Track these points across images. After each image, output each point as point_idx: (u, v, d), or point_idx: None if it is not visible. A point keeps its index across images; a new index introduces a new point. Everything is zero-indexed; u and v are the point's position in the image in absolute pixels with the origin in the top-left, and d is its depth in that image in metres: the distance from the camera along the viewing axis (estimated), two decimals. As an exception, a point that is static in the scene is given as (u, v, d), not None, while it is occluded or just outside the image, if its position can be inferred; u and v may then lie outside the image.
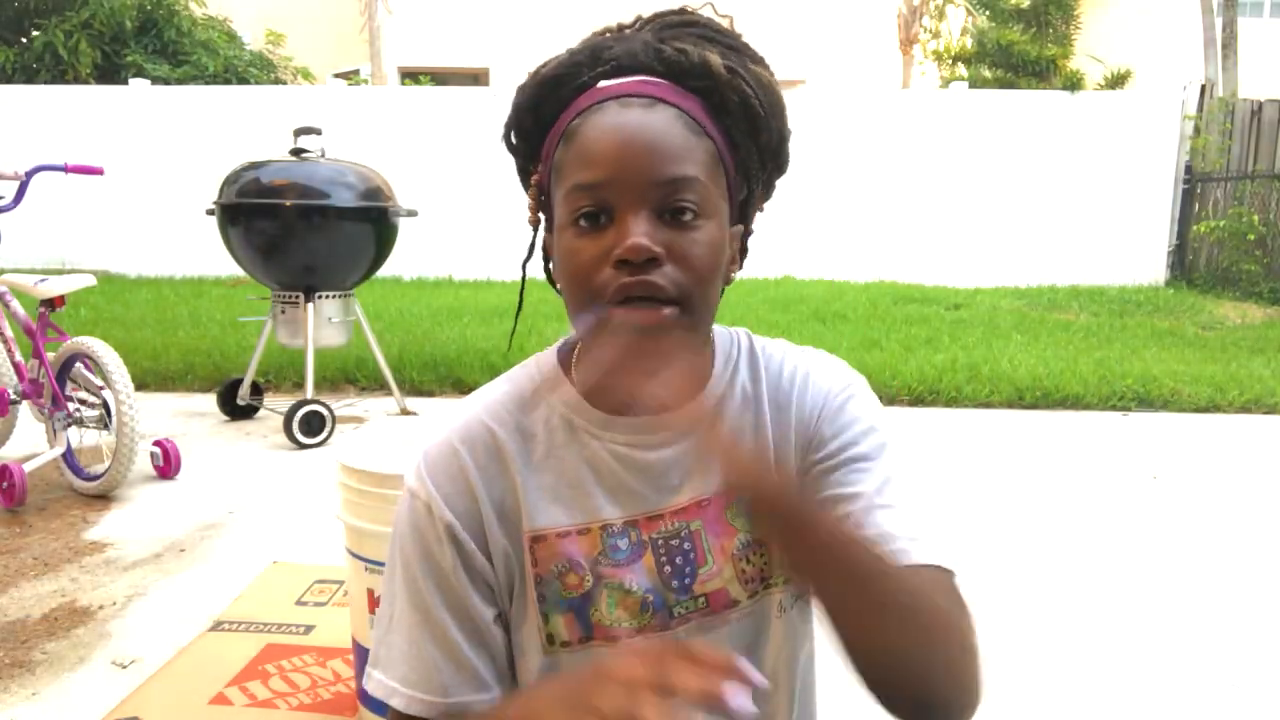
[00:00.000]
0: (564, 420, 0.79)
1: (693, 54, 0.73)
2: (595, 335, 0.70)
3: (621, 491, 0.78)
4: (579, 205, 0.71)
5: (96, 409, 3.08)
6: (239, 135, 9.05)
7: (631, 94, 0.72)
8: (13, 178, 3.19)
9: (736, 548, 0.78)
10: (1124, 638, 2.17)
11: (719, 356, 0.82)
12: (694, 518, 0.79)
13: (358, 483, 1.50)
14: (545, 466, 0.79)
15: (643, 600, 0.77)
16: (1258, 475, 3.60)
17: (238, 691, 1.78)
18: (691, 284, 0.70)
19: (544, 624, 0.78)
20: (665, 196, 0.69)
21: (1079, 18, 11.96)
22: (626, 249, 0.67)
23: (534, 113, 0.78)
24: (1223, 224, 8.62)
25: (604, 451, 0.78)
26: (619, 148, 0.69)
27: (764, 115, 0.75)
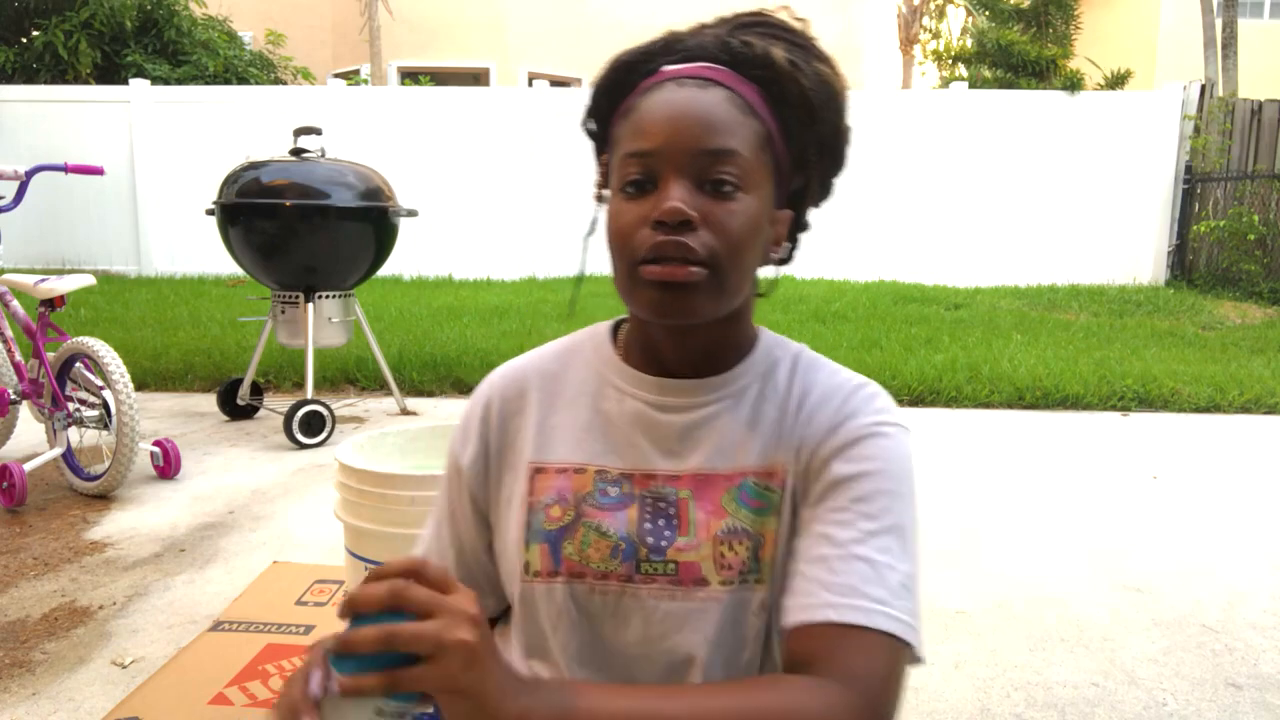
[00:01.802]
0: (596, 373, 0.86)
1: (757, 46, 0.78)
2: (630, 292, 0.76)
3: (628, 446, 0.83)
4: (628, 172, 0.76)
5: (96, 409, 3.08)
6: (239, 135, 9.07)
7: (690, 75, 0.77)
8: (13, 178, 3.19)
9: (721, 530, 0.79)
10: (1124, 638, 2.17)
11: (761, 348, 0.86)
12: (686, 487, 0.81)
13: (357, 483, 1.50)
14: (564, 408, 0.86)
15: (615, 545, 0.80)
16: (1258, 475, 3.60)
17: (238, 691, 1.78)
18: (722, 250, 0.74)
19: (524, 551, 0.82)
20: (706, 167, 0.74)
21: (1079, 18, 11.95)
22: (663, 211, 0.72)
23: (607, 96, 0.83)
24: (1223, 224, 8.63)
25: (623, 406, 0.84)
26: (668, 120, 0.74)
27: (819, 107, 0.79)
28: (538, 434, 0.85)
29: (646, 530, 0.80)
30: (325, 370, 4.81)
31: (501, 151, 9.27)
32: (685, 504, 0.80)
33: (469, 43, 15.29)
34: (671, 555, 0.79)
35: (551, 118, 9.32)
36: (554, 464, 0.84)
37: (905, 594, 0.72)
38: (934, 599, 2.35)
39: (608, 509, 0.81)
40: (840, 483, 0.77)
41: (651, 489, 0.81)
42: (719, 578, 0.79)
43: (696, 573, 0.79)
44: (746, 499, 0.80)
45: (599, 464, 0.83)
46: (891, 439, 0.79)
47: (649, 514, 0.81)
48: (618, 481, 0.82)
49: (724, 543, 0.79)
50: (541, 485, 0.83)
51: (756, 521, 0.79)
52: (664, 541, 0.80)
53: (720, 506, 0.80)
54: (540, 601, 0.82)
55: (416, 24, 15.04)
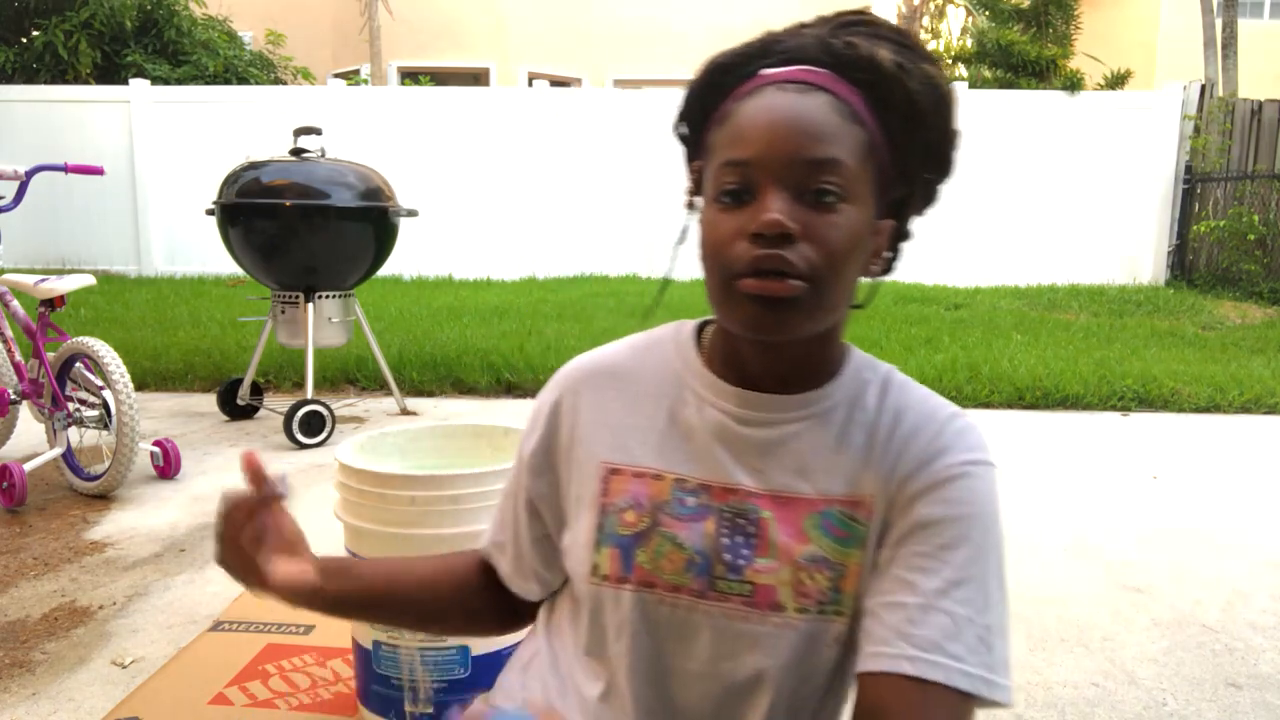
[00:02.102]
0: (676, 375, 0.83)
1: (861, 48, 0.74)
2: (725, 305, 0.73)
3: (707, 456, 0.80)
4: (724, 181, 0.73)
5: (96, 409, 3.08)
6: (239, 135, 9.07)
7: (790, 80, 0.73)
8: (13, 177, 3.19)
9: (803, 556, 0.76)
10: (1124, 638, 2.17)
11: (850, 368, 0.83)
12: (767, 507, 0.78)
13: (357, 483, 1.50)
14: (641, 409, 0.83)
15: (690, 559, 0.78)
16: (1258, 475, 3.60)
17: (238, 691, 1.78)
18: (823, 264, 0.71)
19: (594, 552, 0.81)
20: (807, 176, 0.71)
21: (1079, 18, 11.94)
22: (761, 223, 0.69)
23: (700, 100, 0.80)
24: (1223, 224, 8.63)
25: (703, 415, 0.81)
26: (767, 128, 0.71)
27: (926, 112, 0.75)
28: (613, 434, 0.83)
29: (724, 546, 0.77)
30: (325, 370, 4.81)
31: (501, 151, 9.27)
32: (766, 524, 0.77)
33: (469, 43, 15.28)
34: (749, 576, 0.76)
35: (551, 118, 9.32)
36: (630, 467, 0.81)
37: (983, 648, 0.71)
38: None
39: (685, 520, 0.78)
40: (927, 526, 0.74)
41: (731, 503, 0.78)
42: (795, 605, 0.76)
43: (773, 597, 0.76)
44: (831, 527, 0.77)
45: (677, 472, 0.80)
46: (982, 480, 0.77)
47: (727, 529, 0.78)
48: (696, 492, 0.79)
49: (804, 570, 0.76)
50: (616, 487, 0.81)
51: (840, 552, 0.76)
52: (741, 560, 0.77)
53: (802, 531, 0.77)
54: (606, 605, 0.80)
55: (416, 24, 15.04)
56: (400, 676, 1.53)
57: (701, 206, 0.78)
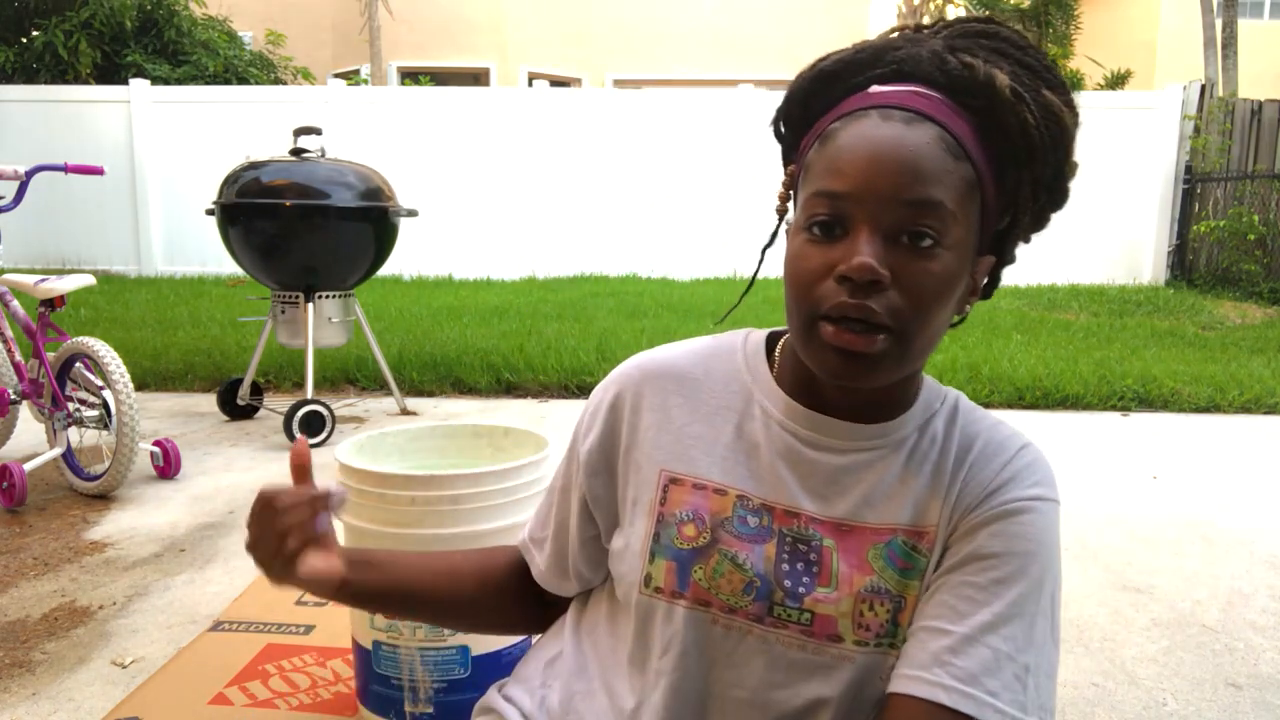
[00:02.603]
0: (744, 388, 0.81)
1: (979, 70, 0.70)
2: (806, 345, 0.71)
3: (770, 476, 0.77)
4: (816, 212, 0.69)
5: (96, 409, 3.08)
6: (239, 135, 9.07)
7: (896, 105, 0.69)
8: (13, 177, 3.19)
9: (865, 588, 0.75)
10: (1124, 638, 2.17)
11: (921, 400, 0.80)
12: (830, 535, 0.76)
13: (357, 483, 1.50)
14: (709, 420, 0.80)
15: (749, 581, 0.75)
16: (1258, 475, 3.60)
17: (238, 691, 1.78)
18: (911, 314, 0.67)
19: (649, 563, 0.78)
20: (905, 219, 0.67)
21: (1079, 18, 11.95)
22: (851, 267, 0.66)
23: (803, 105, 0.76)
24: (1223, 224, 8.63)
25: (770, 433, 0.78)
26: (868, 161, 0.67)
27: (1041, 146, 0.71)
28: (675, 441, 0.79)
29: (784, 572, 0.75)
30: (325, 370, 4.81)
31: (501, 151, 9.27)
32: (829, 553, 0.75)
33: (469, 43, 15.29)
34: (809, 604, 0.75)
35: (551, 118, 9.32)
36: (691, 478, 0.78)
37: (1019, 686, 0.70)
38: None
39: (746, 540, 0.76)
40: (983, 558, 0.72)
41: (793, 528, 0.76)
42: (854, 637, 0.74)
43: (832, 628, 0.74)
44: (894, 558, 0.75)
45: (741, 489, 0.77)
46: (1045, 516, 0.75)
47: (788, 555, 0.76)
48: (759, 512, 0.77)
49: (866, 601, 0.74)
50: (676, 498, 0.78)
51: (901, 584, 0.75)
52: (802, 588, 0.75)
53: (866, 562, 0.75)
54: (656, 618, 0.78)
55: (416, 24, 15.04)
56: (400, 676, 1.53)
57: (790, 222, 0.75)
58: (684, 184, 9.32)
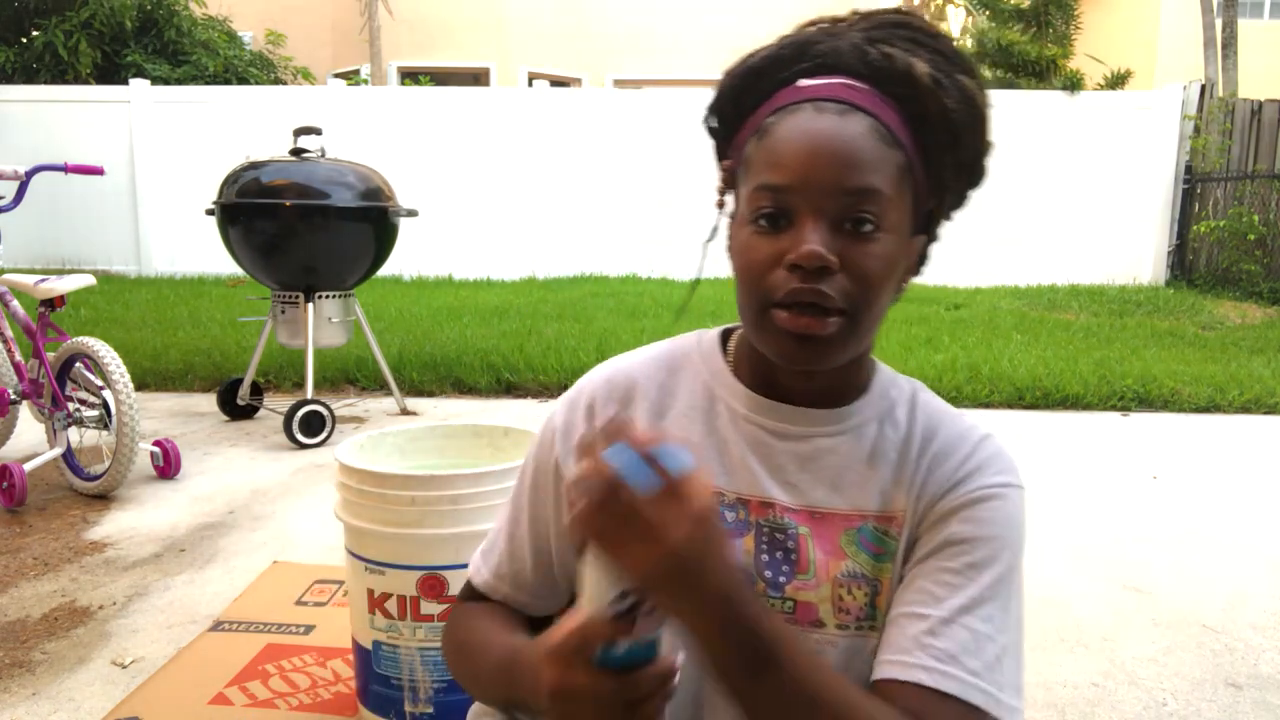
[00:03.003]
0: (706, 388, 0.82)
1: (898, 60, 0.73)
2: (760, 332, 0.73)
3: (742, 469, 0.79)
4: (761, 205, 0.72)
5: (96, 409, 3.08)
6: (239, 135, 9.07)
7: (828, 98, 0.72)
8: (13, 178, 3.19)
9: (841, 574, 0.77)
10: (1124, 638, 2.17)
11: (878, 383, 0.84)
12: (804, 523, 0.78)
13: (357, 483, 1.50)
14: (676, 424, 0.81)
15: None
16: (1258, 475, 3.60)
17: (238, 691, 1.78)
18: (859, 296, 0.71)
19: None
20: (846, 207, 0.70)
21: (1079, 18, 11.94)
22: (800, 255, 0.69)
23: (735, 101, 0.78)
24: (1223, 224, 8.62)
25: (737, 428, 0.80)
26: (807, 153, 0.70)
27: (962, 128, 0.75)
28: None
29: (764, 563, 0.77)
30: (325, 370, 4.81)
31: (501, 151, 9.27)
32: (804, 540, 0.78)
33: (469, 43, 15.29)
34: (790, 593, 0.77)
35: (551, 118, 9.32)
36: None
37: (999, 666, 0.72)
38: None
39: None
40: (956, 543, 0.75)
41: (769, 519, 0.78)
42: (836, 621, 0.77)
43: (814, 614, 0.77)
44: (866, 543, 0.78)
45: (716, 486, 0.79)
46: (1012, 502, 0.77)
47: (766, 545, 0.78)
48: (734, 507, 0.79)
49: (843, 586, 0.77)
50: None
51: (875, 568, 0.78)
52: (782, 577, 0.77)
53: (839, 548, 0.78)
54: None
55: (416, 24, 15.04)
56: (400, 676, 1.53)
57: (733, 214, 0.77)
58: (684, 184, 9.32)
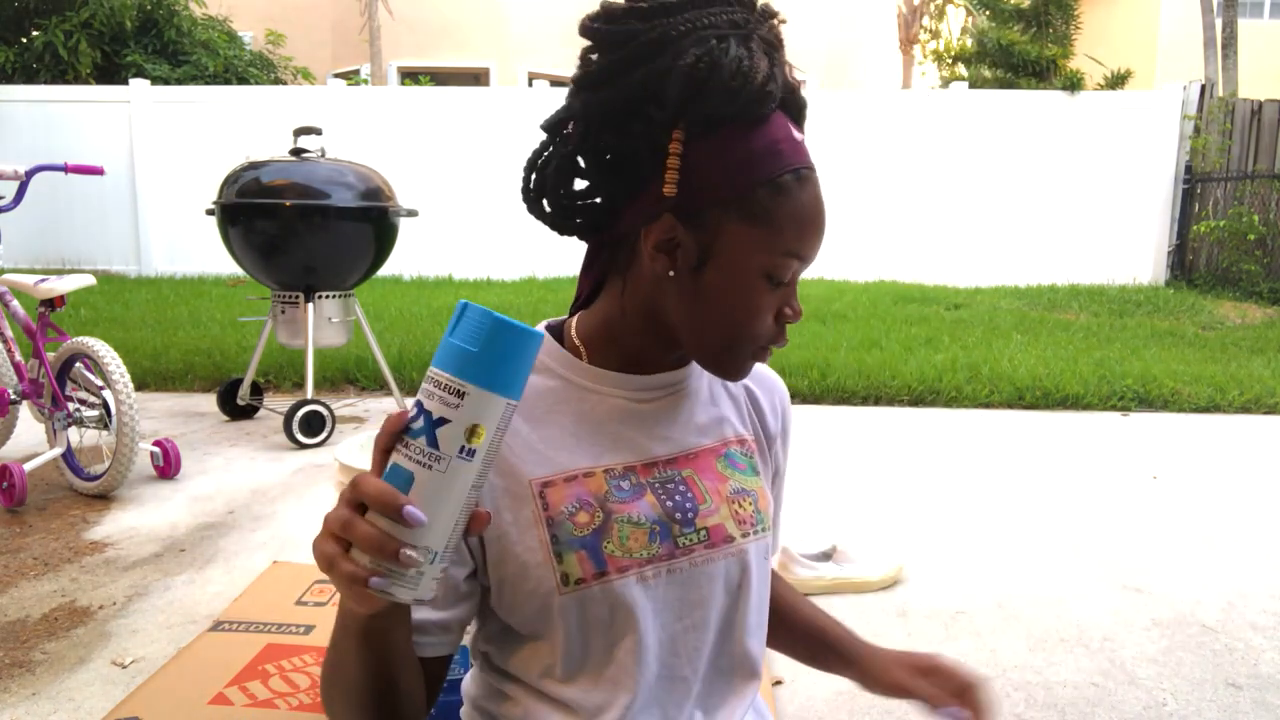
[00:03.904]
0: (563, 381, 0.87)
1: (804, 103, 0.82)
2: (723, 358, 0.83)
3: (620, 440, 0.86)
4: (781, 266, 0.79)
5: (96, 409, 3.08)
6: (239, 135, 9.07)
7: (810, 165, 0.80)
8: (13, 178, 3.19)
9: (729, 491, 0.89)
10: (1124, 638, 2.17)
11: None
12: (685, 466, 0.88)
13: (358, 483, 1.50)
14: (548, 420, 0.85)
15: (650, 530, 0.83)
16: (1258, 475, 3.60)
17: (238, 691, 1.78)
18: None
19: (558, 564, 0.80)
20: None
21: (1079, 18, 11.95)
22: (796, 313, 0.82)
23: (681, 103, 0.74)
24: (1223, 224, 8.63)
25: (604, 406, 0.87)
26: (819, 232, 0.80)
27: None
28: (529, 452, 0.82)
29: (671, 508, 0.85)
30: (325, 370, 4.81)
31: (501, 151, 9.27)
32: (692, 480, 0.87)
33: (469, 43, 15.29)
34: (700, 523, 0.86)
35: (551, 118, 9.31)
36: (560, 475, 0.82)
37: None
38: (934, 599, 2.35)
39: (629, 501, 0.84)
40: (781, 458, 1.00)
41: (656, 475, 0.86)
42: (739, 531, 0.88)
43: (724, 532, 0.87)
44: (735, 463, 0.91)
45: (603, 464, 0.84)
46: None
47: (664, 495, 0.86)
48: (624, 475, 0.85)
49: (734, 501, 0.89)
50: (556, 497, 0.81)
51: (748, 480, 0.91)
52: (690, 514, 0.86)
53: (718, 472, 0.89)
54: (589, 607, 0.80)
55: (416, 24, 15.05)
56: (400, 676, 1.52)
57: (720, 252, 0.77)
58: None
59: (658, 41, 0.74)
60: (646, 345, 0.86)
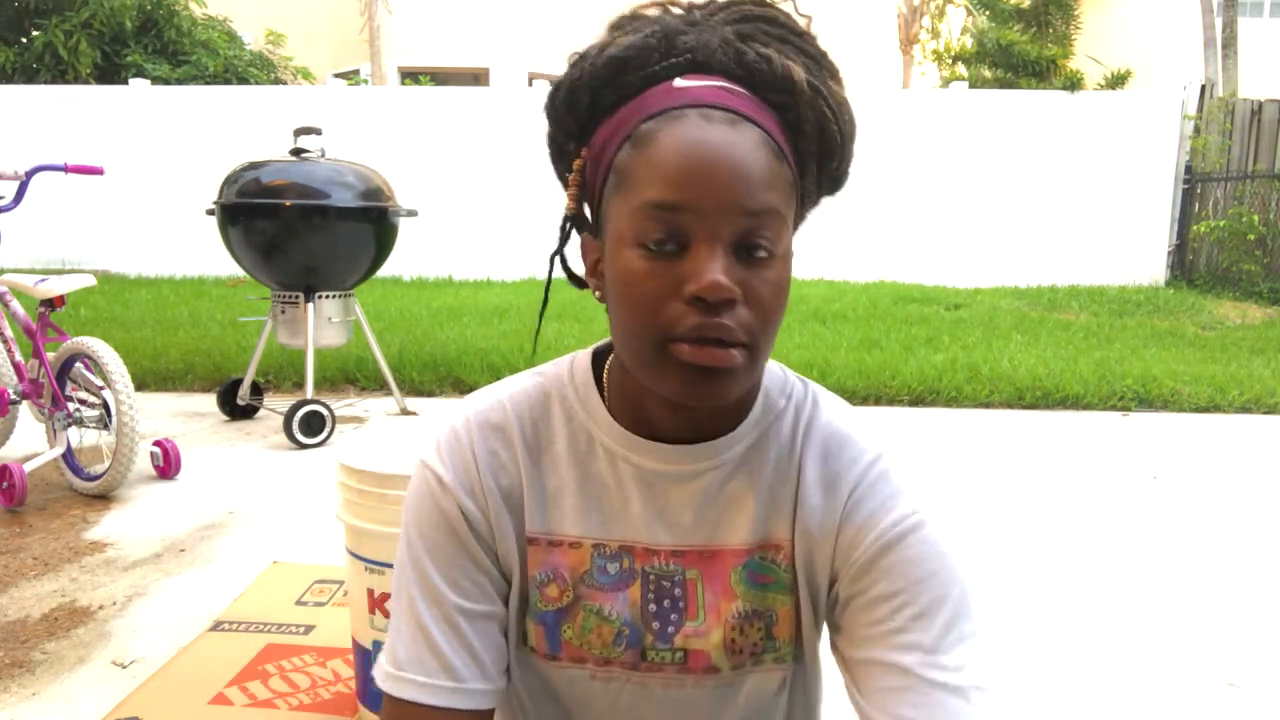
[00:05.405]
0: (583, 428, 0.75)
1: (776, 63, 0.66)
2: (655, 368, 0.65)
3: (625, 515, 0.74)
4: (650, 227, 0.63)
5: (96, 409, 3.08)
6: (239, 135, 9.07)
7: (713, 104, 0.64)
8: (13, 178, 3.19)
9: (733, 614, 0.74)
10: (1124, 638, 2.17)
11: (761, 403, 0.76)
12: (693, 565, 0.74)
13: (358, 483, 1.50)
14: (554, 471, 0.75)
15: (619, 631, 0.74)
16: (1258, 475, 3.60)
17: (238, 691, 1.78)
18: (759, 328, 0.64)
19: (522, 621, 0.77)
20: (745, 230, 0.63)
21: (1079, 18, 11.95)
22: (705, 287, 0.61)
23: (592, 92, 0.69)
24: (1223, 224, 8.63)
25: (616, 470, 0.74)
26: (701, 170, 0.62)
27: (839, 142, 0.69)
28: (527, 498, 0.75)
29: (652, 614, 0.74)
30: (325, 370, 4.81)
31: (501, 151, 9.27)
32: (693, 585, 0.74)
33: (469, 43, 15.29)
34: (680, 643, 0.74)
35: (551, 118, 9.31)
36: (546, 535, 0.75)
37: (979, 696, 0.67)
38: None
39: (608, 589, 0.74)
40: (889, 597, 0.69)
41: (655, 565, 0.74)
42: (730, 663, 0.74)
43: (706, 661, 0.74)
44: (753, 576, 0.74)
45: (595, 537, 0.74)
46: (930, 528, 0.71)
47: (652, 594, 0.74)
48: (617, 556, 0.74)
49: (735, 628, 0.74)
50: (535, 558, 0.75)
51: (765, 599, 0.74)
52: (671, 627, 0.74)
53: (730, 587, 0.74)
54: (541, 672, 0.78)
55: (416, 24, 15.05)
56: (400, 676, 1.52)
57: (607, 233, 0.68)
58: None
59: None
60: (643, 397, 0.73)
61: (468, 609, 0.73)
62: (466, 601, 0.73)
